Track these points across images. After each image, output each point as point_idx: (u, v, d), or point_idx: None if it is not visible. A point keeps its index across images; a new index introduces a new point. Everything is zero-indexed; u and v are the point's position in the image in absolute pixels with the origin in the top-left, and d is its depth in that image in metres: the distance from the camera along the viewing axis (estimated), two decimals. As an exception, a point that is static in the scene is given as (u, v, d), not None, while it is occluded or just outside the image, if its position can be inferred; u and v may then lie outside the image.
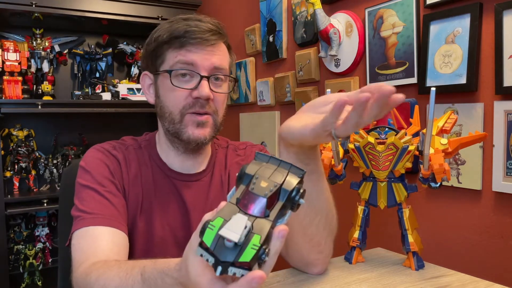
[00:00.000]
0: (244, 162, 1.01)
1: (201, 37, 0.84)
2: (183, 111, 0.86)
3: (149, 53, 0.91)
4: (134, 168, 0.92)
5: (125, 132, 1.09)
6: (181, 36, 0.84)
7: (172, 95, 0.87)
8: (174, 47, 0.86)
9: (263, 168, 0.49)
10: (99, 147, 0.93)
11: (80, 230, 0.81)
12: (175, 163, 0.94)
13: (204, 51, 0.85)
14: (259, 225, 0.44)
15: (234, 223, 0.43)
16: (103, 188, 0.86)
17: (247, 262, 0.42)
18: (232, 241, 0.41)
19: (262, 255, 0.43)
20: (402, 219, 0.90)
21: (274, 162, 0.51)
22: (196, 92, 0.85)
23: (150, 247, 0.90)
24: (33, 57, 2.28)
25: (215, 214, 0.46)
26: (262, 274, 0.42)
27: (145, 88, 0.95)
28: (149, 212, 0.91)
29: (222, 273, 0.43)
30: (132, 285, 0.63)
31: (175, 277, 0.56)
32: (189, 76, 0.86)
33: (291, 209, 0.48)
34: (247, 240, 0.42)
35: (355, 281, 0.83)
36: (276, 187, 0.47)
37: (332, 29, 1.53)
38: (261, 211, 0.45)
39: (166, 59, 0.87)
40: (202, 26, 0.85)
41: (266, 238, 0.43)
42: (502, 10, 1.08)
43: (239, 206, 0.46)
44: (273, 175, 0.48)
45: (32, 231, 2.30)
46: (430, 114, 0.78)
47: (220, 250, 0.42)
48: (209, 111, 0.87)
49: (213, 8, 2.55)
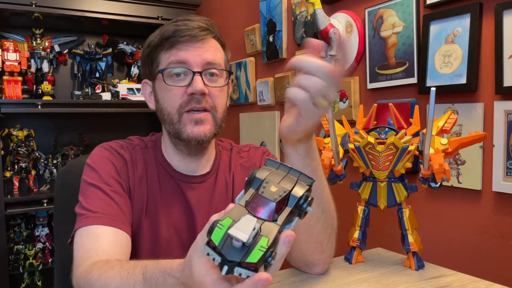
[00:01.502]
0: (248, 164, 1.01)
1: (190, 34, 0.85)
2: (180, 110, 0.86)
3: (144, 60, 0.92)
4: (141, 169, 0.92)
5: (125, 132, 1.09)
6: (170, 36, 0.86)
7: (168, 95, 0.87)
8: (165, 48, 0.87)
9: (273, 174, 0.50)
10: (107, 146, 0.93)
11: (83, 228, 0.81)
12: (180, 166, 0.95)
13: (194, 48, 0.86)
14: (267, 228, 0.45)
15: (243, 224, 0.43)
16: (108, 187, 0.86)
17: (254, 263, 0.42)
18: (241, 241, 0.42)
19: (268, 257, 0.43)
20: (402, 219, 0.90)
21: (283, 169, 0.52)
22: (190, 88, 0.85)
23: (155, 248, 0.90)
24: (33, 57, 2.28)
25: (223, 215, 0.46)
26: (268, 277, 0.42)
27: (147, 96, 0.95)
28: (154, 213, 0.91)
29: (228, 273, 0.43)
30: (133, 285, 0.63)
31: (177, 277, 0.56)
32: (183, 74, 0.86)
33: (298, 216, 0.49)
34: (255, 242, 0.43)
35: (355, 281, 0.83)
36: (285, 192, 0.47)
37: (332, 29, 1.53)
38: (269, 214, 0.46)
39: (160, 62, 0.88)
40: (191, 24, 0.86)
41: (274, 241, 0.44)
42: (502, 10, 1.08)
43: (248, 209, 0.47)
44: (283, 181, 0.49)
45: (32, 231, 2.30)
46: (430, 114, 0.78)
47: (228, 249, 0.43)
48: (207, 106, 0.87)
49: (213, 8, 2.55)
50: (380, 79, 1.44)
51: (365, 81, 1.50)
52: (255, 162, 1.02)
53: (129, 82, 2.52)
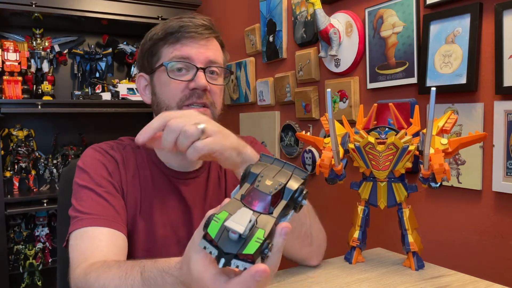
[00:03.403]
0: None
1: (196, 31, 0.87)
2: (180, 104, 0.87)
3: (144, 53, 0.92)
4: (132, 168, 0.92)
5: (125, 132, 1.09)
6: (175, 32, 0.87)
7: (168, 88, 0.87)
8: (169, 42, 0.88)
9: (268, 169, 0.51)
10: (97, 147, 0.93)
11: (78, 230, 0.81)
12: (173, 162, 0.95)
13: (199, 45, 0.87)
14: (264, 221, 0.45)
15: (240, 216, 0.44)
16: (101, 188, 0.86)
17: (251, 255, 0.42)
18: (237, 233, 0.42)
19: (265, 249, 0.43)
20: (402, 219, 0.90)
21: (278, 164, 0.52)
22: (193, 83, 0.86)
23: (151, 247, 0.90)
24: (33, 57, 2.27)
25: (219, 208, 0.46)
26: (265, 268, 0.42)
27: (141, 89, 0.96)
28: (149, 212, 0.91)
29: (225, 265, 0.43)
30: (131, 285, 0.63)
31: (175, 275, 0.55)
32: (185, 70, 0.87)
33: (293, 210, 0.50)
34: (251, 234, 0.43)
35: (355, 281, 0.83)
36: (280, 186, 0.48)
37: (332, 29, 1.53)
38: (265, 207, 0.46)
39: (162, 56, 0.89)
40: (196, 21, 0.88)
41: (270, 233, 0.44)
42: (502, 10, 1.08)
43: (244, 203, 0.47)
44: (278, 175, 0.50)
45: (32, 231, 2.30)
46: (430, 114, 0.78)
47: (224, 242, 0.43)
48: (207, 102, 0.87)
49: (213, 8, 2.55)
50: (380, 79, 1.44)
51: (365, 81, 1.50)
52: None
53: (129, 82, 2.52)
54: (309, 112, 1.75)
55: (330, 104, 0.84)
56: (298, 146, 1.84)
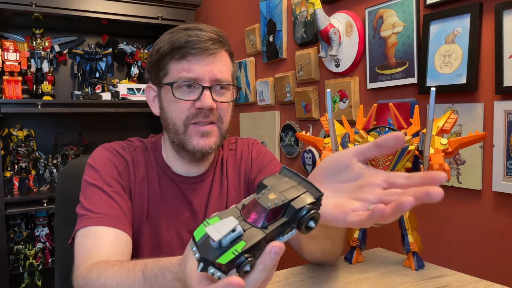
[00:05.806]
0: (237, 157, 1.02)
1: (202, 46, 0.84)
2: (186, 122, 0.86)
3: (152, 65, 0.91)
4: (142, 170, 0.93)
5: (125, 132, 1.09)
6: (181, 47, 0.84)
7: (175, 106, 0.87)
8: (176, 58, 0.86)
9: (281, 182, 0.48)
10: (108, 146, 0.93)
11: (84, 229, 0.81)
12: (181, 169, 0.95)
13: (205, 62, 0.85)
14: (251, 234, 0.43)
15: (223, 224, 0.43)
16: (110, 188, 0.86)
17: (223, 265, 0.41)
18: (214, 240, 0.41)
19: (242, 263, 0.41)
20: (402, 219, 0.90)
21: (296, 179, 0.49)
22: (198, 103, 0.85)
23: (157, 250, 0.90)
24: (33, 57, 2.27)
25: (215, 214, 0.46)
26: (239, 282, 0.40)
27: (150, 100, 0.95)
28: (156, 216, 0.91)
29: (202, 270, 0.43)
30: (133, 282, 0.63)
31: (175, 272, 0.56)
32: (192, 87, 0.86)
33: (297, 229, 0.46)
34: (232, 244, 0.42)
35: (355, 281, 0.83)
36: (283, 202, 0.45)
37: (332, 29, 1.53)
38: (259, 221, 0.44)
39: (169, 72, 0.87)
40: (203, 35, 0.85)
41: (252, 248, 0.42)
42: (502, 10, 1.08)
43: (242, 212, 0.46)
44: (288, 191, 0.47)
45: (32, 231, 2.30)
46: (430, 114, 0.78)
47: (204, 247, 0.43)
48: (213, 119, 0.87)
49: (213, 8, 2.55)
50: (380, 79, 1.44)
51: (365, 81, 1.50)
52: (239, 153, 1.03)
53: (129, 82, 2.52)
54: (309, 112, 1.75)
55: (330, 104, 0.84)
56: (298, 146, 1.84)
